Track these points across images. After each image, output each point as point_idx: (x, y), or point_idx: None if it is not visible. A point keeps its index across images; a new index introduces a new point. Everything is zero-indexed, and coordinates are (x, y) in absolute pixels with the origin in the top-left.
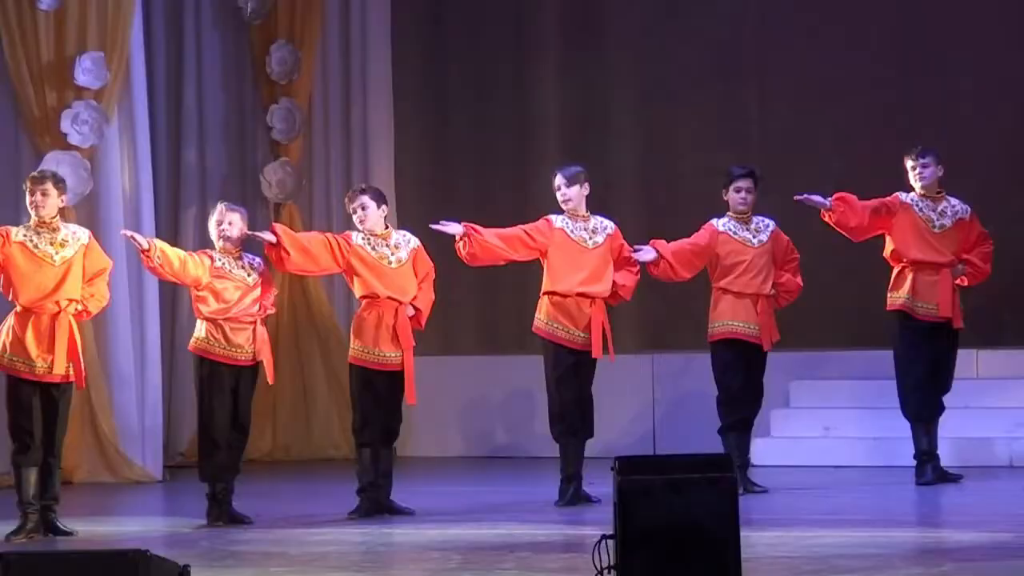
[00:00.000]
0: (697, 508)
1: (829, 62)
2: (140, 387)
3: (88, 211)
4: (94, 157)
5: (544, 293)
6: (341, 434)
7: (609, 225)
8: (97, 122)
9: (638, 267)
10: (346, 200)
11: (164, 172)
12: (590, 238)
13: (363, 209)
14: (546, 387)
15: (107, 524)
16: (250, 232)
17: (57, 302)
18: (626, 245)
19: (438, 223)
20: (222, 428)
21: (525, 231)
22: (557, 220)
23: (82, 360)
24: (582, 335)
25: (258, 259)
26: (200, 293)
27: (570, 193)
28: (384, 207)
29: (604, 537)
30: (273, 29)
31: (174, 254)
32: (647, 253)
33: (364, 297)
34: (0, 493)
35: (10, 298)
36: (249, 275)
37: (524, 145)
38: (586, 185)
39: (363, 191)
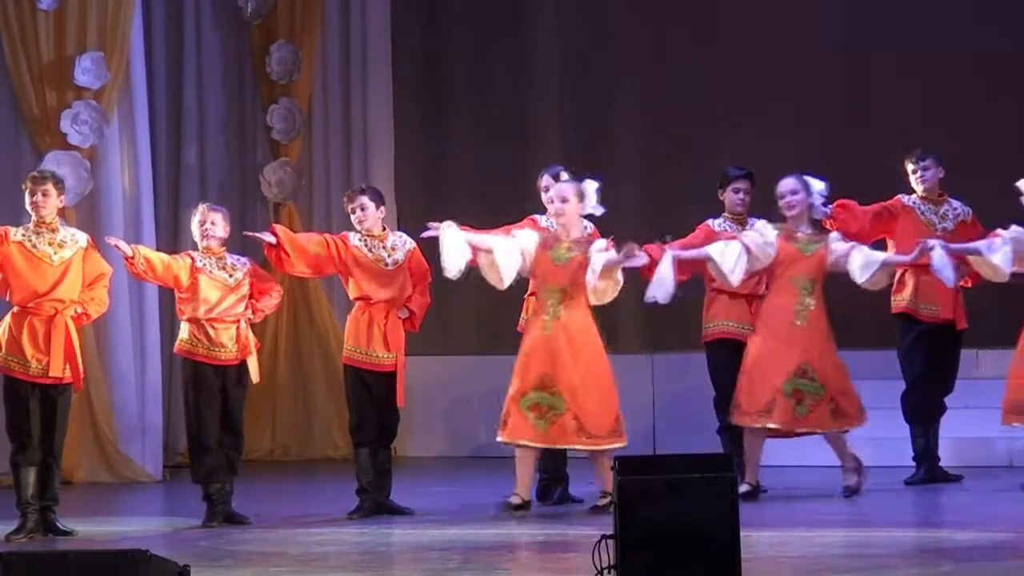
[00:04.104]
0: (697, 508)
1: (829, 61)
2: (140, 387)
3: (88, 211)
4: (94, 157)
5: (530, 293)
6: (341, 434)
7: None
8: (97, 122)
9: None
10: (345, 200)
11: (164, 172)
12: None
13: (362, 209)
14: None
15: (107, 524)
16: (250, 233)
17: (54, 303)
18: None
19: (426, 231)
20: (210, 429)
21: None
22: (542, 220)
23: (80, 362)
24: None
25: (243, 259)
26: (182, 294)
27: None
28: (382, 208)
29: (604, 537)
30: (273, 29)
31: (157, 258)
32: (640, 259)
33: (358, 298)
34: (0, 493)
35: (7, 298)
36: (231, 275)
37: (524, 145)
38: None
39: (362, 191)
